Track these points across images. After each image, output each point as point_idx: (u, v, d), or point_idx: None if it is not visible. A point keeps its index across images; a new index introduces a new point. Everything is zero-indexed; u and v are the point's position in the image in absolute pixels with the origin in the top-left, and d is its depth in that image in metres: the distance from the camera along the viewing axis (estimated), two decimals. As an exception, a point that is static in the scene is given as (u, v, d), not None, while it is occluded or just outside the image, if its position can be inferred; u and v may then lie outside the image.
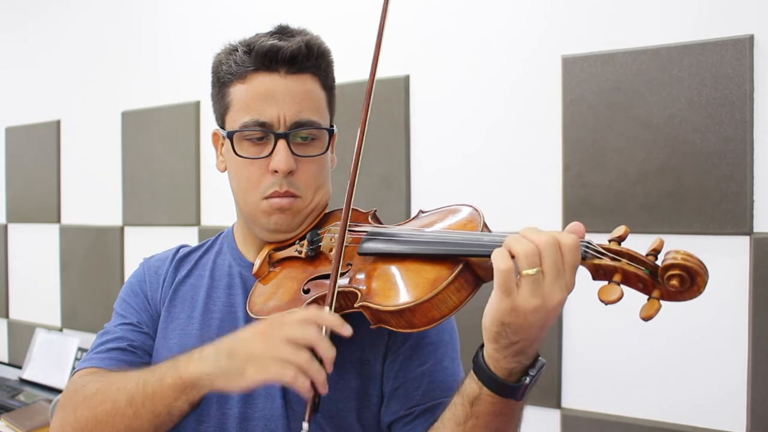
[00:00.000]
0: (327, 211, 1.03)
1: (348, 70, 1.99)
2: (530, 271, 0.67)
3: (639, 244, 1.62)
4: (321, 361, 0.75)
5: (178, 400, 0.81)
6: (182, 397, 0.81)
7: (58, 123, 2.73)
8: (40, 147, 2.78)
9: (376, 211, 0.99)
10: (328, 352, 0.75)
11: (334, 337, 0.93)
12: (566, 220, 1.59)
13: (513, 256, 0.69)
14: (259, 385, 0.78)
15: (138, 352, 1.00)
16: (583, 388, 1.61)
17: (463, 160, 1.77)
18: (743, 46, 1.40)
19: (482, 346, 0.76)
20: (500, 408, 0.75)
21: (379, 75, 0.92)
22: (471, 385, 0.77)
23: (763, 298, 1.40)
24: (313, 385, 0.75)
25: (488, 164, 1.73)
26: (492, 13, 1.72)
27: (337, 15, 1.97)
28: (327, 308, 0.80)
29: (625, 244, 0.71)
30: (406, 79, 1.84)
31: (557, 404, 1.63)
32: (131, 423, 0.83)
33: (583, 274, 0.71)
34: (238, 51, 0.96)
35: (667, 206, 1.48)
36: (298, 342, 0.75)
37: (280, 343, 0.75)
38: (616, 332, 1.55)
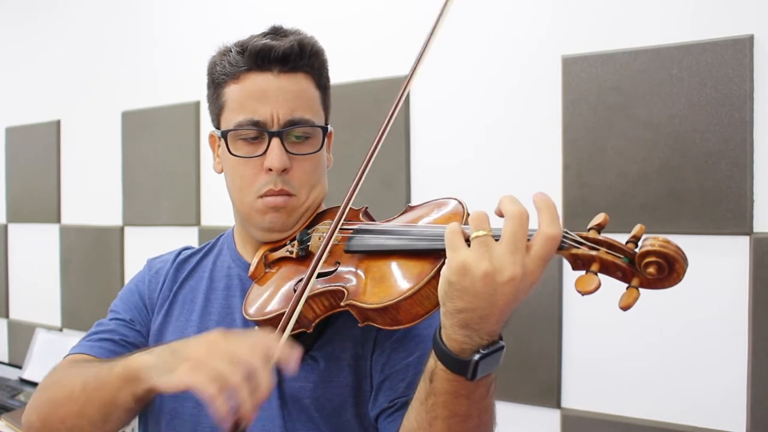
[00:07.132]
0: (320, 210, 1.02)
1: (348, 70, 2.00)
2: (477, 233, 0.68)
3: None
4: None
5: (122, 390, 0.81)
6: (126, 388, 0.81)
7: (58, 123, 2.73)
8: (40, 147, 2.78)
9: (367, 207, 0.99)
10: (263, 384, 0.70)
11: (329, 333, 0.92)
12: (566, 221, 1.59)
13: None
14: (183, 389, 0.73)
15: (129, 347, 1.00)
16: (583, 388, 1.61)
17: (463, 160, 1.77)
18: (743, 46, 1.40)
19: None
20: (455, 387, 0.73)
21: (379, 75, 0.92)
22: (430, 359, 0.76)
23: (763, 298, 1.40)
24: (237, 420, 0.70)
25: (488, 164, 1.73)
26: (492, 14, 1.72)
27: (336, 16, 1.97)
28: (283, 337, 0.78)
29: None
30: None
31: (557, 404, 1.63)
32: (83, 408, 0.85)
33: (570, 273, 0.71)
34: (231, 52, 0.97)
35: (667, 206, 1.48)
36: (238, 362, 0.71)
37: (220, 355, 0.72)
38: (616, 332, 1.55)
